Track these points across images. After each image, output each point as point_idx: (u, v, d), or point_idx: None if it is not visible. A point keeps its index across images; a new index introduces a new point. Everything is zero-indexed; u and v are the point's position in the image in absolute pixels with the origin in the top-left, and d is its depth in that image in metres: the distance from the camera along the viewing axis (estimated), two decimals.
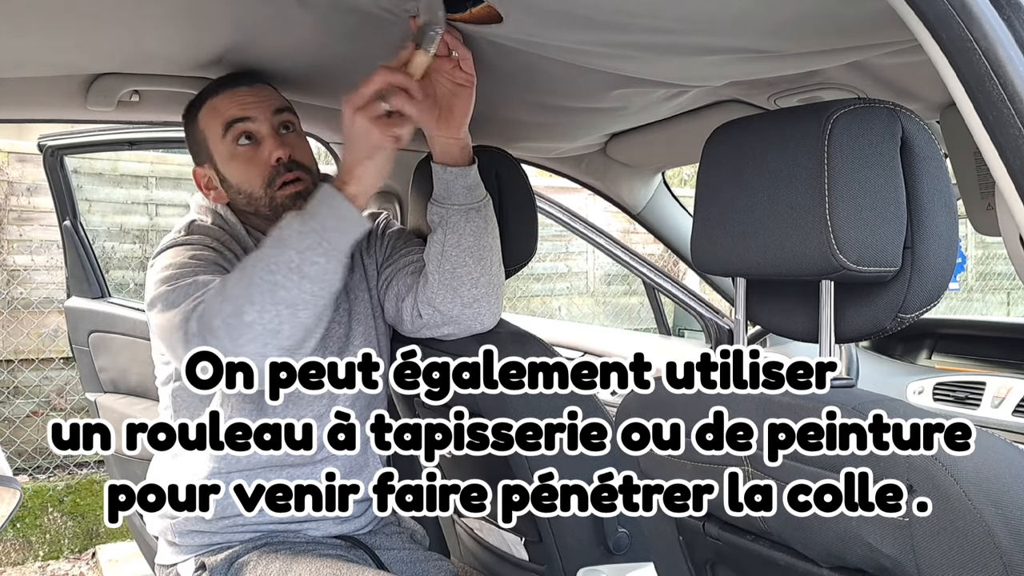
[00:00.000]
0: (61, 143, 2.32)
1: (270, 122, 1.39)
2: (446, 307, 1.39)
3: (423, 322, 1.43)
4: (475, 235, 1.38)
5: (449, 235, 1.38)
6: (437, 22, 1.12)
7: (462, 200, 1.38)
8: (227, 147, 1.39)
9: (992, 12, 0.66)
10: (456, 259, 1.38)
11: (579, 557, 1.45)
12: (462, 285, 1.38)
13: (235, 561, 1.39)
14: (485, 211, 1.40)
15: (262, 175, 1.39)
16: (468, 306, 1.39)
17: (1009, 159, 0.65)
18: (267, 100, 1.41)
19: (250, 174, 1.39)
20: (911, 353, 2.18)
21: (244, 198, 1.41)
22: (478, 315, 1.41)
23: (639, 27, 1.02)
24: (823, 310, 0.85)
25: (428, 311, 1.41)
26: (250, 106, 1.38)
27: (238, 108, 1.38)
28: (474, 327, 1.42)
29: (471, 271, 1.38)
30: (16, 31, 1.17)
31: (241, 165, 1.39)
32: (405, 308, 1.45)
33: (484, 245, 1.39)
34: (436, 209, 1.40)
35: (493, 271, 1.41)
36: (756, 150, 0.88)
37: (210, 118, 1.40)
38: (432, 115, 1.34)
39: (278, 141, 1.39)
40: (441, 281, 1.39)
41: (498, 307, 1.44)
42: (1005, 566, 0.64)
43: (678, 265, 5.70)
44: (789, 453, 0.80)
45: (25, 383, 4.36)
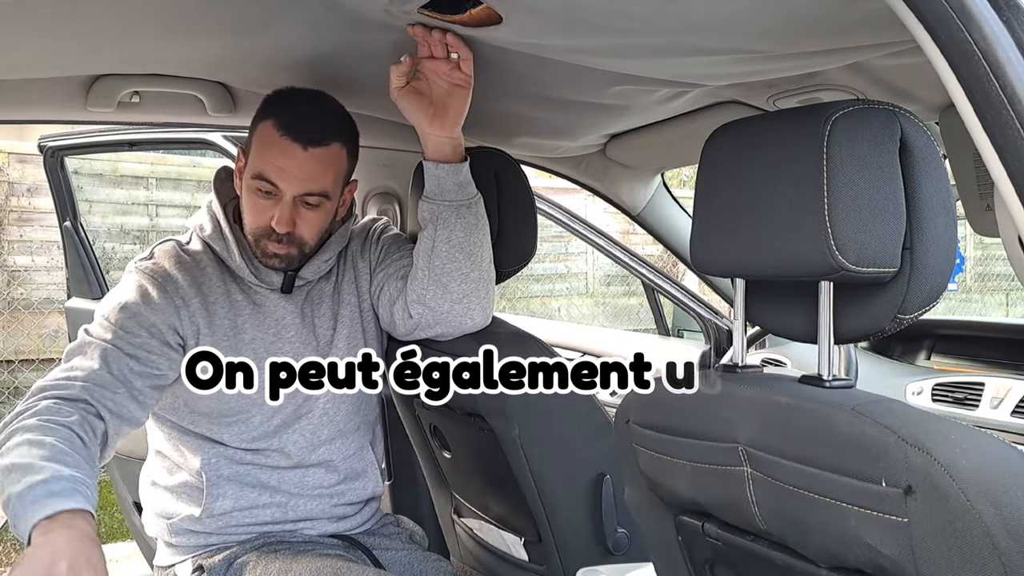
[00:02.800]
0: (61, 144, 2.33)
1: (294, 195, 1.35)
2: (435, 303, 1.39)
3: (414, 322, 1.43)
4: (466, 231, 1.38)
5: (440, 231, 1.38)
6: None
7: (453, 197, 1.38)
8: (251, 182, 1.37)
9: (991, 13, 0.66)
10: (446, 255, 1.38)
11: (578, 557, 1.45)
12: (451, 281, 1.38)
13: (233, 562, 1.39)
14: (476, 208, 1.41)
15: (258, 224, 1.37)
16: (458, 302, 1.39)
17: (1008, 160, 0.65)
18: (305, 176, 1.35)
19: (252, 215, 1.38)
20: (910, 354, 2.18)
21: (243, 218, 1.42)
22: (468, 311, 1.40)
23: (638, 29, 1.02)
24: (822, 311, 0.85)
25: (418, 309, 1.41)
26: (284, 177, 1.34)
27: (274, 171, 1.34)
28: (465, 324, 1.42)
29: (460, 267, 1.38)
30: (16, 33, 1.17)
31: (251, 204, 1.38)
32: (397, 311, 1.45)
33: (474, 242, 1.39)
34: (427, 205, 1.40)
35: (483, 268, 1.41)
36: (755, 151, 0.88)
37: (258, 144, 1.36)
38: (427, 113, 1.34)
39: (288, 216, 1.35)
40: (431, 276, 1.39)
41: (489, 305, 1.43)
42: (1004, 566, 0.64)
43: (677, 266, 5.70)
44: (789, 453, 0.80)
45: (25, 383, 4.36)
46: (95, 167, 4.52)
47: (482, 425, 1.48)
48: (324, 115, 1.38)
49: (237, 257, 1.41)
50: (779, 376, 0.92)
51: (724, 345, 2.36)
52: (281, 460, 1.44)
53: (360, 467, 1.52)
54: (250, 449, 1.42)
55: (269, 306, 1.44)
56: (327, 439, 1.47)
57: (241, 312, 1.42)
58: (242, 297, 1.43)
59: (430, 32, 1.22)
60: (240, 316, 1.42)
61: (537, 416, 1.42)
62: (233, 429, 1.41)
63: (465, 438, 1.62)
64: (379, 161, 1.44)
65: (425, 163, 1.40)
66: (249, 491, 1.42)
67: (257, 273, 1.42)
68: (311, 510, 1.46)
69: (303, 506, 1.46)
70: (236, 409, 1.41)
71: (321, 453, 1.47)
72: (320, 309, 1.48)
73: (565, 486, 1.46)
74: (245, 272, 1.41)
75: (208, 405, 1.40)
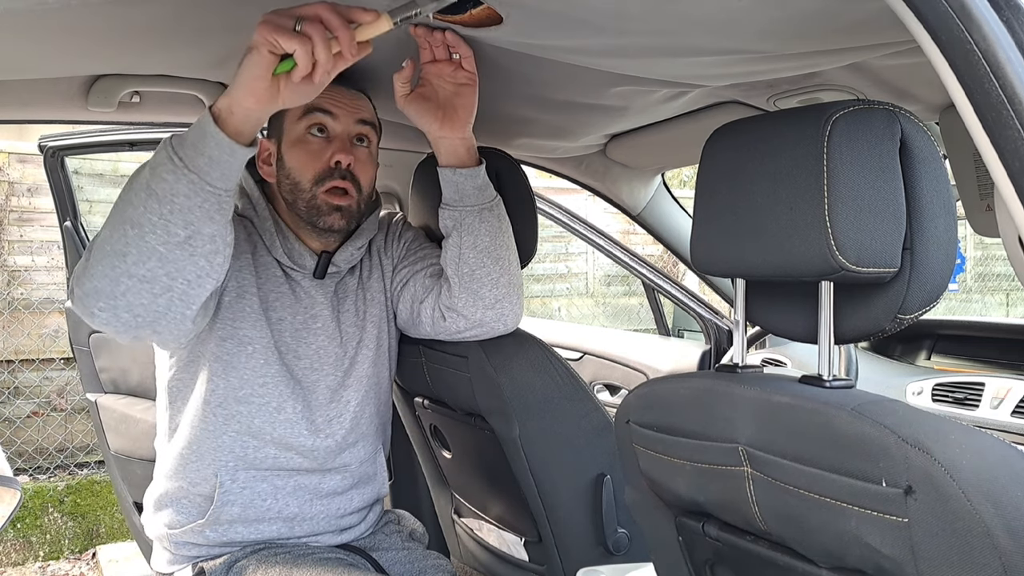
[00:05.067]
0: (62, 144, 2.33)
1: (349, 127, 1.37)
2: (469, 311, 1.39)
3: (446, 325, 1.42)
4: (490, 235, 1.38)
5: (465, 237, 1.37)
6: (422, 3, 1.01)
7: (474, 201, 1.38)
8: (299, 130, 1.36)
9: (991, 14, 0.66)
10: (474, 261, 1.37)
11: (579, 557, 1.45)
12: (482, 287, 1.38)
13: (233, 566, 1.37)
14: (498, 210, 1.40)
15: (316, 170, 1.36)
16: (491, 307, 1.39)
17: (1008, 160, 0.65)
18: (357, 107, 1.38)
19: (306, 164, 1.36)
20: (910, 354, 2.18)
21: (290, 185, 1.37)
22: (501, 316, 1.40)
23: (638, 29, 1.02)
24: (822, 311, 0.85)
25: (452, 315, 1.40)
26: (338, 104, 1.36)
27: (326, 100, 1.35)
28: (498, 328, 1.41)
29: (490, 272, 1.38)
30: (17, 34, 1.17)
31: (303, 152, 1.36)
32: (424, 311, 1.44)
33: (500, 244, 1.39)
34: (449, 213, 1.39)
35: (512, 271, 1.41)
36: (756, 151, 0.88)
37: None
38: (435, 117, 1.33)
39: (347, 146, 1.36)
40: (461, 285, 1.38)
41: (520, 307, 1.43)
42: (1004, 566, 0.64)
43: (677, 266, 5.70)
44: (790, 453, 0.80)
45: (26, 383, 4.36)
46: (95, 167, 4.52)
47: (482, 425, 1.49)
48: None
49: (272, 233, 1.39)
50: (779, 376, 0.92)
51: (724, 345, 2.36)
52: (304, 463, 1.40)
53: (372, 471, 1.50)
54: (283, 444, 1.38)
55: (301, 292, 1.41)
56: (352, 443, 1.45)
57: (276, 288, 1.39)
58: (280, 273, 1.40)
59: (432, 33, 1.22)
60: (273, 293, 1.39)
61: (537, 416, 1.42)
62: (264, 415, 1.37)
63: (465, 438, 1.62)
64: (379, 161, 1.45)
65: (441, 170, 1.39)
66: (260, 502, 1.38)
67: (291, 253, 1.40)
68: (316, 526, 1.43)
69: (308, 526, 1.42)
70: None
71: (344, 457, 1.44)
72: (345, 304, 1.46)
73: (565, 486, 1.46)
74: (279, 252, 1.39)
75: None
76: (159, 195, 1.07)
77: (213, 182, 1.08)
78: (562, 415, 1.45)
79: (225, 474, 1.36)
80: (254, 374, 1.35)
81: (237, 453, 1.37)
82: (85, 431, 4.40)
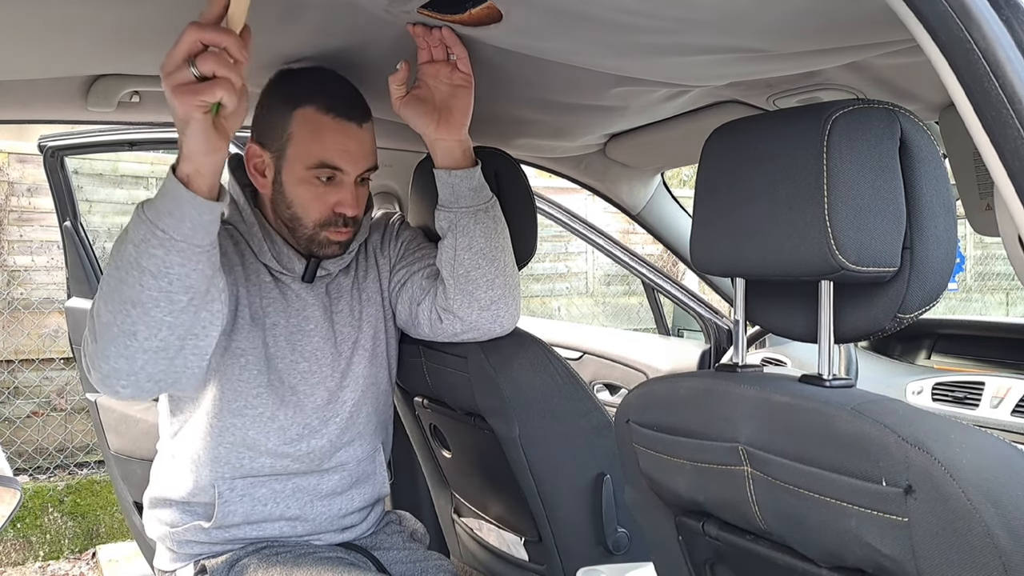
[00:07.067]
0: (61, 144, 2.33)
1: (356, 175, 1.36)
2: (464, 312, 1.38)
3: (443, 327, 1.42)
4: (486, 236, 1.37)
5: (460, 239, 1.37)
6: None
7: (469, 203, 1.37)
8: (306, 173, 1.34)
9: (991, 13, 0.66)
10: (469, 262, 1.37)
11: (578, 557, 1.45)
12: (477, 288, 1.37)
13: (235, 564, 1.38)
14: (493, 211, 1.40)
15: (321, 213, 1.35)
16: (486, 309, 1.38)
17: (1008, 159, 0.65)
18: (365, 155, 1.36)
19: (310, 205, 1.35)
20: (910, 353, 2.18)
21: (289, 215, 1.37)
22: (497, 317, 1.40)
23: (637, 27, 1.02)
24: (822, 310, 0.85)
25: (448, 317, 1.40)
26: (349, 158, 1.34)
27: (338, 155, 1.33)
28: (494, 330, 1.41)
29: (485, 273, 1.37)
30: (17, 34, 1.17)
31: (307, 192, 1.35)
32: (422, 312, 1.44)
33: (496, 246, 1.38)
34: (444, 214, 1.39)
35: (507, 272, 1.40)
36: (755, 151, 0.88)
37: (305, 132, 1.32)
38: (432, 119, 1.33)
39: (354, 197, 1.36)
40: (456, 286, 1.38)
41: (516, 309, 1.42)
42: (1004, 566, 0.64)
43: (677, 265, 5.70)
44: (790, 452, 0.80)
45: (25, 383, 4.36)
46: (95, 167, 4.52)
47: (482, 425, 1.48)
48: (352, 87, 1.37)
49: (260, 239, 1.39)
50: (779, 376, 0.92)
51: (724, 345, 2.36)
52: (300, 466, 1.41)
53: (371, 469, 1.50)
54: (277, 452, 1.39)
55: (291, 295, 1.41)
56: (347, 442, 1.46)
57: (267, 294, 1.39)
58: (269, 279, 1.40)
59: (430, 32, 1.22)
60: (265, 298, 1.39)
61: (537, 416, 1.42)
62: (266, 425, 1.38)
63: (465, 438, 1.62)
64: (379, 161, 1.45)
65: (437, 172, 1.38)
66: (261, 507, 1.39)
67: (279, 258, 1.40)
68: (318, 526, 1.44)
69: (310, 525, 1.43)
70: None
71: (340, 456, 1.45)
72: (339, 305, 1.46)
73: (565, 486, 1.46)
74: (267, 257, 1.39)
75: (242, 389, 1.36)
76: (153, 271, 1.07)
77: (200, 242, 1.09)
78: (562, 415, 1.45)
79: (223, 484, 1.38)
80: (247, 385, 1.36)
81: (233, 464, 1.38)
82: (85, 431, 4.40)
